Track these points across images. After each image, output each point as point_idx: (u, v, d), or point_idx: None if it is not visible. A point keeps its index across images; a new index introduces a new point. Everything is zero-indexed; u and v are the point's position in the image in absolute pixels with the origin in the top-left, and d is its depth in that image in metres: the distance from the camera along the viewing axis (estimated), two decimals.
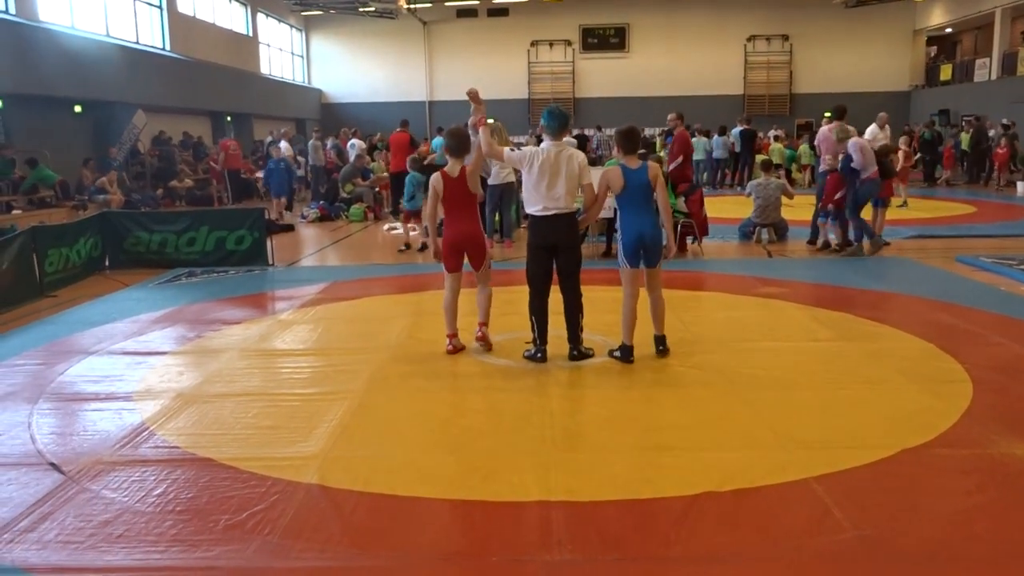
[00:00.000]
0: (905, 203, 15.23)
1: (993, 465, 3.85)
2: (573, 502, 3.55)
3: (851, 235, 10.34)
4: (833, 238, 10.64)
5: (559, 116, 5.66)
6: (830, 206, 10.46)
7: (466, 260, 5.99)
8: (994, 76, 26.98)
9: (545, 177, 5.57)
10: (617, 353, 5.71)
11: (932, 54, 33.32)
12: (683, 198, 10.87)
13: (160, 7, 21.17)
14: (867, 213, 10.49)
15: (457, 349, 5.98)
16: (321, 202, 16.38)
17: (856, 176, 9.97)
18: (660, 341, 5.79)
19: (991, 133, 21.71)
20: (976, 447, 4.07)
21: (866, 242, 10.22)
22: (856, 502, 3.48)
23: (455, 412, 4.88)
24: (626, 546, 3.21)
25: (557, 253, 5.67)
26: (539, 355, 5.72)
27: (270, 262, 10.40)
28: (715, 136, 21.40)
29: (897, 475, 3.78)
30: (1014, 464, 3.84)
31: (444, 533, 3.38)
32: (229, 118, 24.63)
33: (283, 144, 18.07)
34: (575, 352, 5.77)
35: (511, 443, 4.31)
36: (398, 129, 15.30)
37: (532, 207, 5.65)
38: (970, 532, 3.26)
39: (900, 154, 14.66)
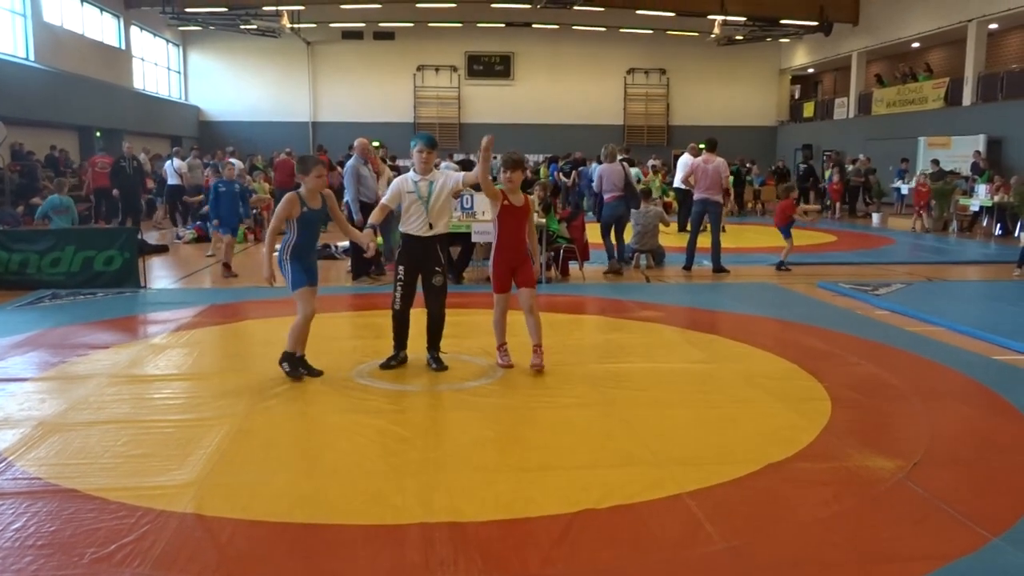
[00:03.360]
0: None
1: (849, 476, 4.12)
2: (456, 523, 3.57)
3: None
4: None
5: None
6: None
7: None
8: (851, 115, 28.98)
9: None
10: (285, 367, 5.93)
11: (796, 92, 35.47)
12: (565, 224, 11.13)
13: (24, 15, 20.09)
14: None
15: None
16: (198, 222, 15.83)
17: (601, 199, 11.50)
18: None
19: (849, 168, 23.25)
20: (834, 460, 4.34)
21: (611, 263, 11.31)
22: (725, 515, 3.66)
23: (337, 436, 4.82)
24: (509, 565, 3.25)
25: None
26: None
27: (142, 284, 9.98)
28: (593, 164, 21.96)
29: (763, 488, 3.99)
30: (867, 475, 4.12)
31: (325, 558, 3.33)
32: (99, 133, 23.52)
33: (176, 162, 17.37)
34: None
35: (394, 466, 4.29)
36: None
37: None
38: (829, 539, 3.47)
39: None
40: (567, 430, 4.85)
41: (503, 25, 30.47)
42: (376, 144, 11.16)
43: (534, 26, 30.41)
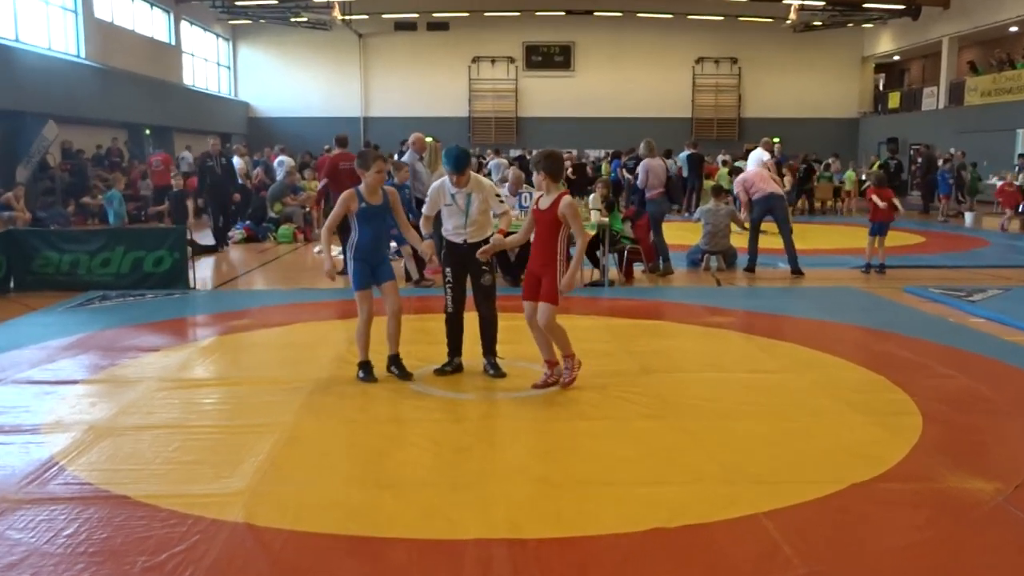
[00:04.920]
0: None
1: (943, 499, 4.00)
2: (516, 540, 3.57)
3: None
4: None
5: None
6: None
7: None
8: (941, 105, 28.18)
9: None
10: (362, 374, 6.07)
11: (880, 82, 34.65)
12: (630, 223, 11.06)
13: (75, 11, 20.80)
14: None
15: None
16: (247, 222, 16.16)
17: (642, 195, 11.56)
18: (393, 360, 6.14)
19: (940, 163, 22.58)
20: (926, 481, 4.21)
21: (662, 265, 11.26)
22: (806, 538, 3.58)
23: (391, 445, 4.87)
24: None
25: None
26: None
27: (191, 285, 10.23)
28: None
29: (846, 510, 3.90)
30: (963, 497, 3.99)
31: (379, 573, 3.36)
32: (148, 131, 24.21)
33: (237, 161, 17.70)
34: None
35: (450, 477, 4.32)
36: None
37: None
38: (920, 567, 3.37)
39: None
40: (632, 443, 4.81)
41: (563, 13, 30.45)
42: (430, 139, 11.25)
43: (596, 14, 30.34)
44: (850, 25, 30.24)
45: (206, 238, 14.69)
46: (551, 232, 5.63)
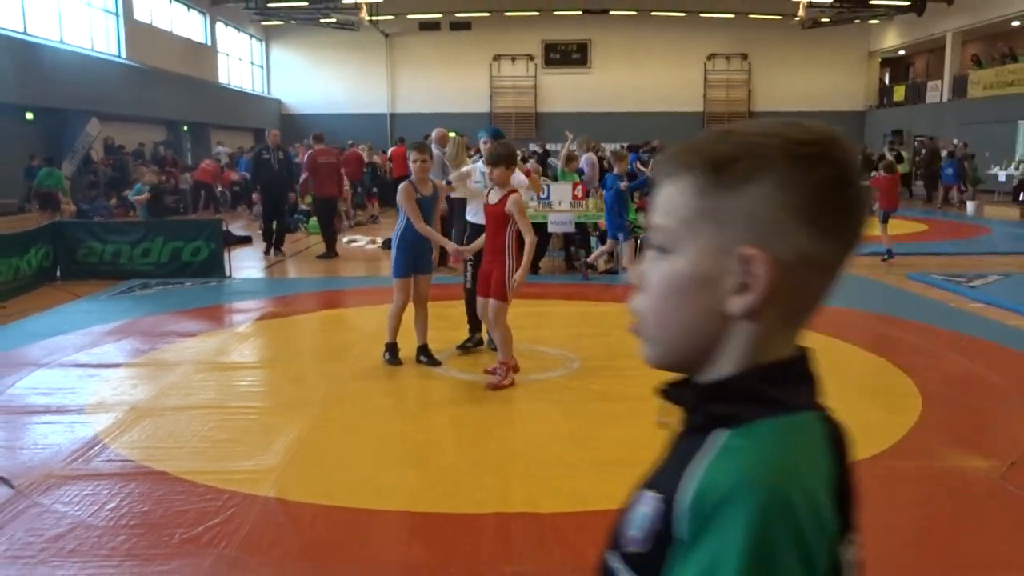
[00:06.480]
0: None
1: (942, 477, 3.97)
2: (534, 514, 3.58)
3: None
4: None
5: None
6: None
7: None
8: (945, 98, 27.77)
9: None
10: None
11: (886, 76, 34.20)
12: (644, 214, 11.01)
13: (116, 14, 20.91)
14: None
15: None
16: None
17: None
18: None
19: (943, 153, 22.30)
20: (925, 459, 4.19)
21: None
22: None
23: (415, 426, 4.90)
24: (587, 557, 3.24)
25: None
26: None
27: (227, 274, 10.31)
28: None
29: None
30: (961, 476, 3.97)
31: (404, 546, 3.39)
32: (186, 127, 24.34)
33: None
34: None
35: (471, 457, 4.34)
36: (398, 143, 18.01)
37: None
38: (921, 542, 3.36)
39: None
40: (648, 424, 4.77)
41: (580, 13, 30.24)
42: (453, 134, 11.24)
43: (612, 13, 30.09)
44: (857, 21, 29.85)
45: (240, 229, 14.77)
46: (499, 226, 5.44)
